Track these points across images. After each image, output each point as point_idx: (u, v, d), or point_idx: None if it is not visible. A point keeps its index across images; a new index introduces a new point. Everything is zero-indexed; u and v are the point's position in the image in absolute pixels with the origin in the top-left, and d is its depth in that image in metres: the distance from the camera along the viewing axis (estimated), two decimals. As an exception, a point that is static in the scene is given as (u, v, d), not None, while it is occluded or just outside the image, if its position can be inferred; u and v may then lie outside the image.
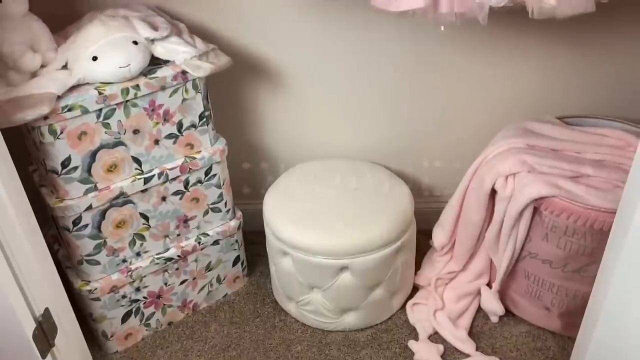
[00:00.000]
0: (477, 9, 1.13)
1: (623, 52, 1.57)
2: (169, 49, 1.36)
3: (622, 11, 1.45)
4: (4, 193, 0.97)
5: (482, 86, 1.64)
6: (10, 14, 1.25)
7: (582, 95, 1.64)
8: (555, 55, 1.59)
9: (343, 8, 1.51)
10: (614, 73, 1.61)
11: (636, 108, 1.61)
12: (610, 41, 1.55)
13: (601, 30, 1.52)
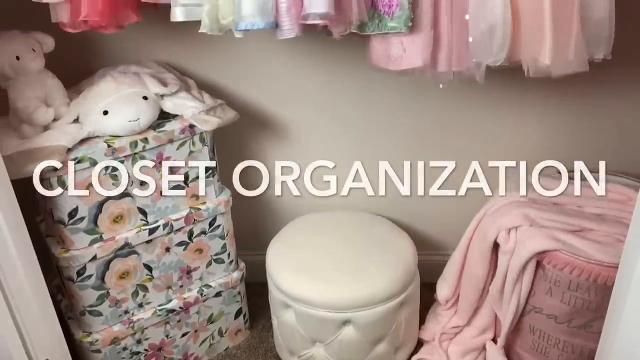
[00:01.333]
0: (474, 68, 1.17)
1: (622, 108, 1.60)
2: (177, 103, 1.40)
3: (618, 68, 1.49)
4: (11, 243, 0.99)
5: (482, 140, 1.67)
6: (27, 71, 1.30)
7: (582, 150, 1.67)
8: (554, 111, 1.63)
9: (345, 65, 1.57)
10: (613, 128, 1.64)
11: (635, 162, 1.63)
12: (608, 97, 1.59)
13: (599, 87, 1.56)
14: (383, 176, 1.76)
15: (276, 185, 1.80)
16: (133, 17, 1.30)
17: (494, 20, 1.11)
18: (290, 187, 1.80)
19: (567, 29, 1.11)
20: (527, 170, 1.63)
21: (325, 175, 1.77)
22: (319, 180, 1.79)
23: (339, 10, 1.11)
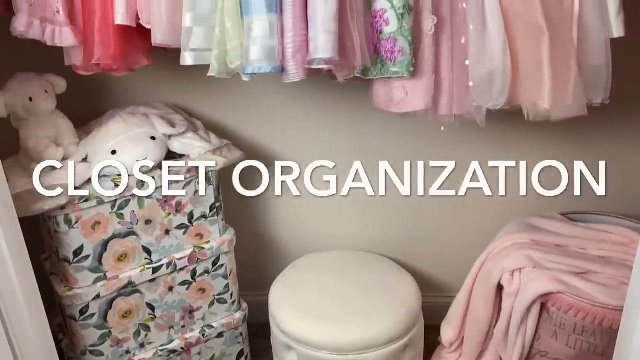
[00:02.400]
0: (475, 111, 1.20)
1: (624, 150, 1.62)
2: (184, 144, 1.43)
3: (618, 112, 1.52)
4: (16, 282, 1.00)
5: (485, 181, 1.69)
6: (39, 112, 1.34)
7: (585, 192, 1.68)
8: (556, 152, 1.64)
9: (348, 108, 1.61)
10: (615, 170, 1.65)
11: (638, 205, 1.64)
12: (610, 139, 1.61)
13: (601, 129, 1.59)
14: (387, 216, 1.78)
15: (280, 225, 1.81)
16: (144, 60, 1.34)
17: (494, 66, 1.14)
18: (293, 226, 1.81)
19: (566, 75, 1.13)
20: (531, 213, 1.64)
21: (329, 214, 1.79)
22: (323, 220, 1.80)
23: (343, 55, 1.14)
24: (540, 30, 1.11)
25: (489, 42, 1.13)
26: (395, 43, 1.15)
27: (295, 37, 1.13)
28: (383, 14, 1.14)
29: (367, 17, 1.16)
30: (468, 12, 1.14)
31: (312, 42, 1.12)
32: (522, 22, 1.13)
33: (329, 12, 1.09)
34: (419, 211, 1.75)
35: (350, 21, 1.13)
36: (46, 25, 1.21)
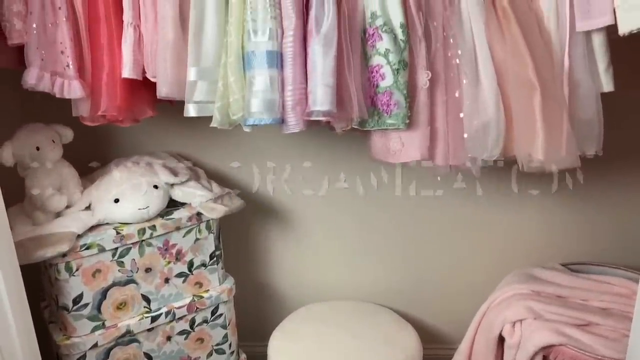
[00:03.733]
0: (470, 162, 1.22)
1: (623, 201, 1.64)
2: (186, 192, 1.46)
3: (616, 163, 1.54)
4: (14, 330, 1.00)
5: (485, 232, 1.70)
6: (45, 160, 1.37)
7: (585, 242, 1.68)
8: (555, 203, 1.66)
9: (348, 158, 1.64)
10: (615, 221, 1.67)
11: (639, 256, 1.64)
12: (609, 190, 1.63)
13: (599, 180, 1.60)
14: (387, 267, 1.78)
15: (280, 274, 1.81)
16: (149, 112, 1.38)
17: (487, 119, 1.17)
18: (293, 276, 1.81)
19: (558, 128, 1.16)
20: (531, 263, 1.64)
21: (329, 265, 1.79)
22: (323, 270, 1.80)
23: (341, 108, 1.18)
24: (532, 85, 1.15)
25: (482, 96, 1.17)
26: (391, 96, 1.19)
27: (295, 90, 1.17)
28: (379, 69, 1.18)
29: (364, 72, 1.21)
30: (461, 68, 1.18)
31: (311, 95, 1.16)
32: (514, 78, 1.17)
33: (327, 67, 1.14)
34: (419, 261, 1.75)
35: (347, 76, 1.17)
36: (56, 79, 1.26)
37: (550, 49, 1.18)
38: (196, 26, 1.18)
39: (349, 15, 1.17)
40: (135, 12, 1.23)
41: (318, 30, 1.15)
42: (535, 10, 1.19)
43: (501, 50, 1.17)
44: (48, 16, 1.24)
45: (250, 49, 1.17)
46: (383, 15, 1.16)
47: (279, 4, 1.15)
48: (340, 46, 1.16)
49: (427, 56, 1.19)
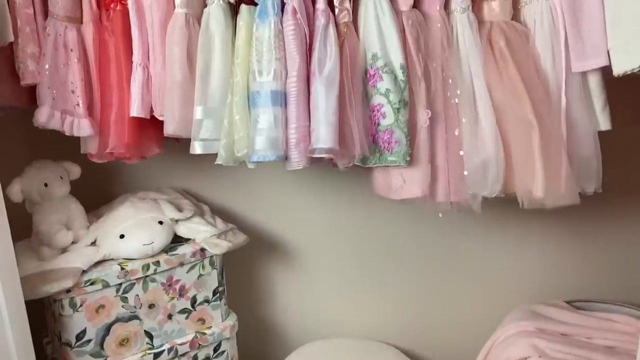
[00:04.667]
0: (471, 199, 1.24)
1: (627, 238, 1.64)
2: (191, 228, 1.47)
3: (618, 200, 1.55)
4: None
5: (487, 268, 1.70)
6: (53, 197, 1.40)
7: (589, 279, 1.68)
8: (558, 240, 1.66)
9: (350, 194, 1.66)
10: (619, 258, 1.66)
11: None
12: (612, 227, 1.63)
13: (601, 216, 1.61)
14: (390, 303, 1.77)
15: (283, 311, 1.81)
16: (155, 149, 1.41)
17: (487, 156, 1.19)
18: (296, 312, 1.80)
19: (557, 165, 1.18)
20: (535, 299, 1.64)
21: (332, 301, 1.79)
22: (326, 307, 1.80)
23: (343, 145, 1.20)
24: (530, 124, 1.17)
25: (481, 134, 1.20)
26: (392, 134, 1.21)
27: (298, 128, 1.20)
28: (380, 108, 1.21)
29: (366, 110, 1.23)
30: (460, 107, 1.21)
31: (313, 133, 1.18)
32: (513, 117, 1.19)
33: (329, 106, 1.17)
34: (422, 297, 1.75)
35: (349, 114, 1.20)
36: (66, 117, 1.30)
37: (547, 89, 1.21)
38: (203, 67, 1.22)
39: (350, 56, 1.21)
40: (145, 54, 1.27)
41: (321, 71, 1.18)
42: (531, 51, 1.22)
43: (499, 90, 1.20)
44: (60, 57, 1.28)
45: (255, 89, 1.20)
46: (384, 56, 1.20)
47: (283, 46, 1.19)
48: (342, 86, 1.19)
49: (427, 96, 1.22)
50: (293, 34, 1.18)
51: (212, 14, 1.22)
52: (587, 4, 1.14)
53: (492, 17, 1.23)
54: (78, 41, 1.29)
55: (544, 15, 1.20)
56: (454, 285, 1.73)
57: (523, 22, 1.24)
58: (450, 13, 1.22)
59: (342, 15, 1.21)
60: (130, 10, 1.25)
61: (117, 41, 1.29)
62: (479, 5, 1.23)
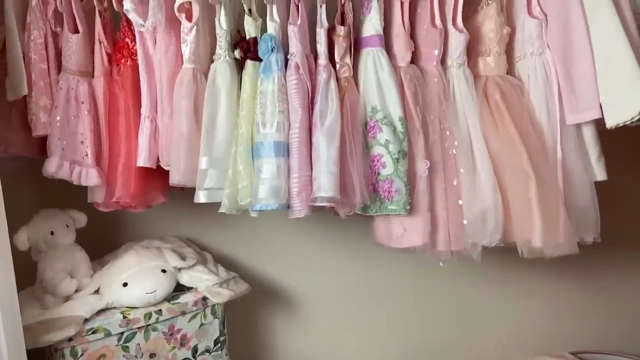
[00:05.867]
0: (471, 248, 1.25)
1: (630, 288, 1.63)
2: (193, 276, 1.48)
3: (619, 250, 1.56)
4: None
5: (490, 318, 1.69)
6: (59, 245, 1.41)
7: (593, 330, 1.66)
8: (560, 289, 1.66)
9: (352, 242, 1.67)
10: (623, 308, 1.65)
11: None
12: (615, 276, 1.63)
13: (603, 266, 1.61)
14: (392, 350, 1.75)
15: (284, 356, 1.79)
16: (161, 198, 1.44)
17: (485, 206, 1.22)
18: None
19: (555, 215, 1.20)
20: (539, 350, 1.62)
21: (334, 348, 1.77)
22: (328, 354, 1.77)
23: (344, 194, 1.22)
24: (526, 174, 1.20)
25: (479, 184, 1.22)
26: (391, 184, 1.24)
27: (300, 177, 1.22)
28: (380, 158, 1.25)
29: (366, 160, 1.27)
30: (458, 158, 1.24)
31: (315, 182, 1.21)
32: (510, 167, 1.22)
33: (331, 156, 1.20)
34: (425, 348, 1.73)
35: (350, 164, 1.23)
36: (74, 167, 1.33)
37: (542, 140, 1.24)
38: (209, 119, 1.26)
39: (351, 109, 1.25)
40: (153, 106, 1.32)
41: (322, 123, 1.22)
42: (526, 104, 1.26)
43: (496, 141, 1.24)
44: (72, 109, 1.33)
45: (259, 140, 1.23)
46: (383, 109, 1.24)
47: (286, 99, 1.23)
48: (343, 137, 1.23)
49: (425, 146, 1.25)
50: (296, 88, 1.23)
51: (219, 69, 1.27)
52: (578, 60, 1.19)
53: (488, 71, 1.28)
54: (89, 94, 1.34)
55: (537, 70, 1.25)
56: (456, 335, 1.72)
57: (517, 76, 1.29)
58: (446, 68, 1.27)
59: (342, 70, 1.27)
60: (140, 66, 1.31)
61: (127, 94, 1.34)
62: (475, 60, 1.28)
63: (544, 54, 1.25)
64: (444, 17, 1.25)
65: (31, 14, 1.30)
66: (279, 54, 1.23)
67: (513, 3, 1.27)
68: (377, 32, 1.25)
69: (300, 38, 1.23)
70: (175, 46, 1.29)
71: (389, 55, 1.26)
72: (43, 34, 1.31)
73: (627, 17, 1.16)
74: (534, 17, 1.24)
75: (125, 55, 1.34)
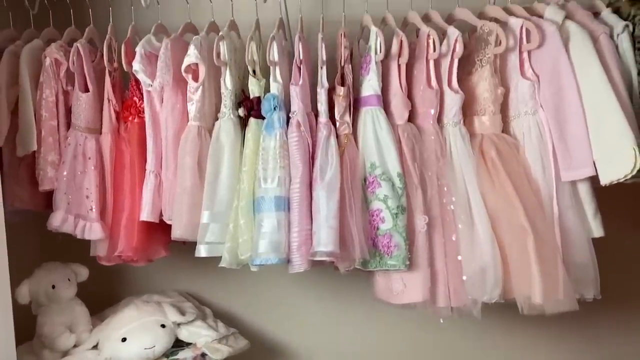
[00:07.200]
0: (471, 304, 1.24)
1: (633, 345, 1.61)
2: (192, 332, 1.47)
3: (621, 306, 1.55)
4: None
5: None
6: (60, 299, 1.42)
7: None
8: (564, 348, 1.63)
9: (352, 297, 1.67)
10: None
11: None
12: (617, 333, 1.61)
13: (605, 323, 1.59)
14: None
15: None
16: (162, 252, 1.45)
17: (485, 262, 1.22)
18: None
19: (553, 271, 1.21)
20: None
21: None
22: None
23: (344, 248, 1.24)
24: (524, 230, 1.21)
25: (478, 240, 1.24)
26: (391, 239, 1.25)
27: (300, 231, 1.24)
28: (379, 213, 1.26)
29: (365, 215, 1.28)
30: (456, 213, 1.26)
31: (315, 236, 1.23)
32: (507, 223, 1.24)
33: (330, 210, 1.22)
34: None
35: (349, 218, 1.25)
36: (79, 221, 1.35)
37: (539, 197, 1.26)
38: (212, 174, 1.29)
39: (350, 164, 1.28)
40: (158, 162, 1.35)
41: (322, 178, 1.25)
42: (522, 161, 1.29)
43: (493, 198, 1.25)
44: (78, 165, 1.37)
45: (260, 195, 1.26)
46: (382, 165, 1.27)
47: (288, 155, 1.27)
48: (343, 192, 1.25)
49: (423, 202, 1.27)
50: (297, 144, 1.26)
51: (223, 126, 1.32)
52: (571, 120, 1.23)
53: (483, 130, 1.31)
54: (96, 150, 1.38)
55: (531, 129, 1.28)
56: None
57: (513, 134, 1.32)
58: (443, 127, 1.31)
59: (342, 128, 1.31)
60: (147, 123, 1.35)
61: (133, 150, 1.37)
62: (470, 119, 1.32)
63: (538, 114, 1.28)
64: (439, 78, 1.30)
65: (44, 74, 1.36)
66: (281, 112, 1.28)
67: (506, 65, 1.32)
68: (375, 92, 1.29)
69: (302, 97, 1.28)
70: (182, 104, 1.33)
71: (387, 113, 1.30)
72: (55, 93, 1.36)
73: (615, 77, 1.21)
74: (527, 78, 1.28)
75: (132, 113, 1.39)
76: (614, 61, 1.23)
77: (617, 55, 1.24)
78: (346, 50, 1.31)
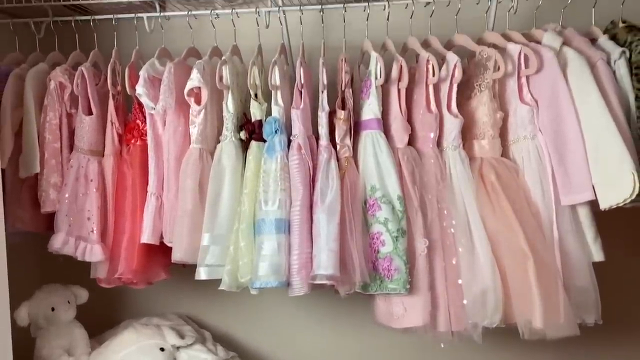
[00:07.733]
0: (471, 328, 1.24)
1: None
2: (191, 355, 1.46)
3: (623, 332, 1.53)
4: None
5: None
6: (59, 321, 1.41)
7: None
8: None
9: (353, 321, 1.65)
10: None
11: None
12: (621, 358, 1.59)
13: (607, 349, 1.57)
14: None
15: None
16: (162, 274, 1.45)
17: (485, 286, 1.22)
18: None
19: (554, 295, 1.20)
20: None
21: None
22: None
23: (344, 272, 1.23)
24: (524, 254, 1.21)
25: (478, 264, 1.23)
26: (391, 262, 1.25)
27: (300, 254, 1.24)
28: (379, 236, 1.26)
29: (365, 238, 1.28)
30: (456, 237, 1.26)
31: (315, 259, 1.23)
32: (507, 247, 1.23)
33: (331, 233, 1.22)
34: None
35: (350, 241, 1.25)
36: (79, 243, 1.36)
37: (539, 220, 1.26)
38: (213, 197, 1.30)
39: (351, 187, 1.29)
40: (159, 184, 1.36)
41: (323, 200, 1.25)
42: (521, 185, 1.29)
43: (493, 221, 1.26)
44: (80, 187, 1.37)
45: (261, 217, 1.26)
46: (382, 188, 1.28)
47: (289, 178, 1.28)
48: (343, 215, 1.25)
49: (424, 225, 1.27)
50: (298, 167, 1.27)
51: (225, 149, 1.33)
52: (570, 145, 1.24)
53: (483, 154, 1.32)
54: (98, 172, 1.39)
55: (530, 153, 1.29)
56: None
57: (512, 158, 1.33)
58: (442, 150, 1.32)
59: (343, 151, 1.32)
60: (149, 145, 1.36)
61: (135, 173, 1.38)
62: (470, 143, 1.33)
63: (537, 138, 1.29)
64: (438, 103, 1.31)
65: (49, 97, 1.37)
66: (282, 135, 1.29)
67: (505, 90, 1.33)
68: (375, 116, 1.31)
69: (303, 121, 1.30)
70: (184, 127, 1.35)
71: (387, 137, 1.31)
72: (58, 115, 1.38)
73: (613, 103, 1.22)
74: (526, 103, 1.30)
75: (135, 136, 1.40)
76: (611, 86, 1.24)
77: (615, 81, 1.25)
78: (347, 74, 1.32)
